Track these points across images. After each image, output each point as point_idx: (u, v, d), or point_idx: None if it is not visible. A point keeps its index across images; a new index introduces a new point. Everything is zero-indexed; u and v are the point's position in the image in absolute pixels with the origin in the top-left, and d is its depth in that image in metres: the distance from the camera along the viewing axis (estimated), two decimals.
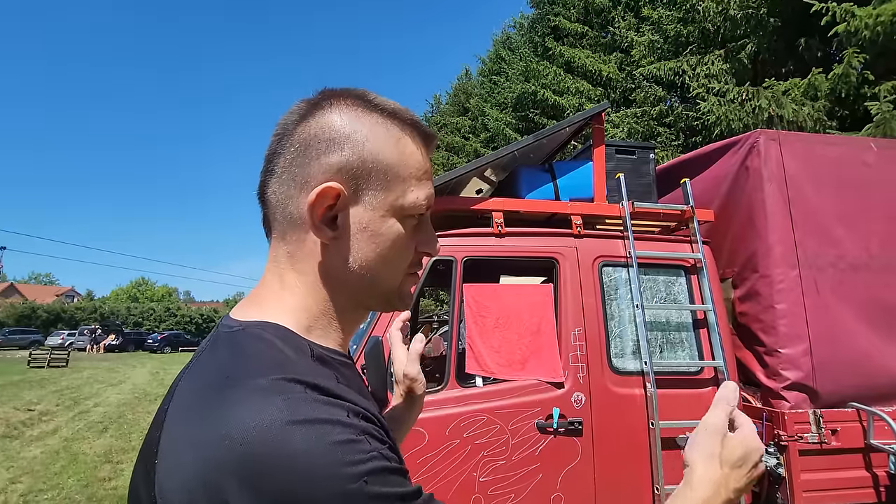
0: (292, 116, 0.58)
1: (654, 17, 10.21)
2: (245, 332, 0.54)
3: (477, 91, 19.77)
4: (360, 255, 0.57)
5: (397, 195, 0.58)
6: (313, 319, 0.58)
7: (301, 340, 0.55)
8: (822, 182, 2.68)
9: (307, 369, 0.50)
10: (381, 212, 0.57)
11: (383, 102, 0.60)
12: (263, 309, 0.57)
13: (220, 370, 0.50)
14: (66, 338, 32.56)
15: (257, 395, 0.45)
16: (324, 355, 0.55)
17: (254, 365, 0.49)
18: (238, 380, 0.47)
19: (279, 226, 0.59)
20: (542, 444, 2.26)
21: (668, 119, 10.02)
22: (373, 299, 0.62)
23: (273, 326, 0.54)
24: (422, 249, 0.63)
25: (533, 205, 2.67)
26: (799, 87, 6.85)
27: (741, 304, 2.73)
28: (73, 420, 8.61)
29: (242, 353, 0.51)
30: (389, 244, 0.58)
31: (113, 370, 18.46)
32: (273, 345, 0.52)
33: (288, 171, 0.56)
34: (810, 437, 2.36)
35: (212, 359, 0.53)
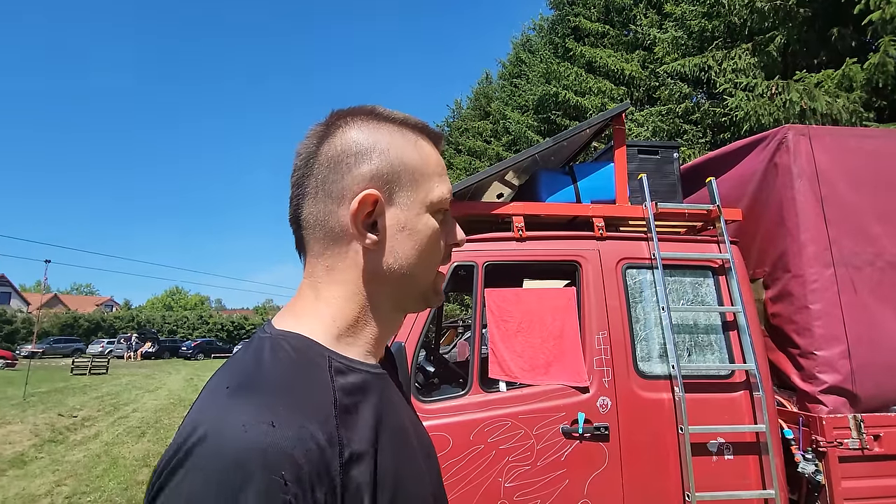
0: (312, 140, 0.62)
1: (677, 12, 10.02)
2: (272, 339, 0.57)
3: (498, 95, 19.76)
4: (402, 253, 0.61)
5: (426, 192, 0.63)
6: (345, 329, 0.61)
7: (323, 351, 0.57)
8: (858, 177, 2.58)
9: (283, 386, 0.51)
10: (415, 210, 0.62)
11: (392, 113, 0.64)
12: (299, 319, 0.61)
13: (220, 374, 0.55)
14: (106, 346, 33.86)
15: (211, 399, 0.50)
16: (343, 367, 0.57)
17: (233, 373, 0.53)
18: (213, 384, 0.53)
19: (318, 244, 0.62)
20: (567, 449, 2.24)
21: (694, 116, 9.80)
22: (411, 298, 0.65)
23: (297, 337, 0.57)
24: (450, 241, 0.67)
25: (553, 208, 2.66)
26: (832, 78, 6.61)
27: (773, 305, 2.64)
28: (113, 425, 8.95)
29: (241, 362, 0.55)
30: (427, 239, 0.62)
31: (150, 377, 19.11)
32: (281, 356, 0.54)
33: (322, 190, 0.60)
34: (851, 443, 2.26)
35: (231, 361, 0.57)
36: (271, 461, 0.44)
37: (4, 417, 9.25)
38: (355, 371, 0.58)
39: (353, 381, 0.57)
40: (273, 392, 0.50)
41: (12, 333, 36.61)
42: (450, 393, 2.40)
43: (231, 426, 0.46)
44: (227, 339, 46.20)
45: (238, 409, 0.47)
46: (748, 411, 2.36)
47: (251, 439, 0.45)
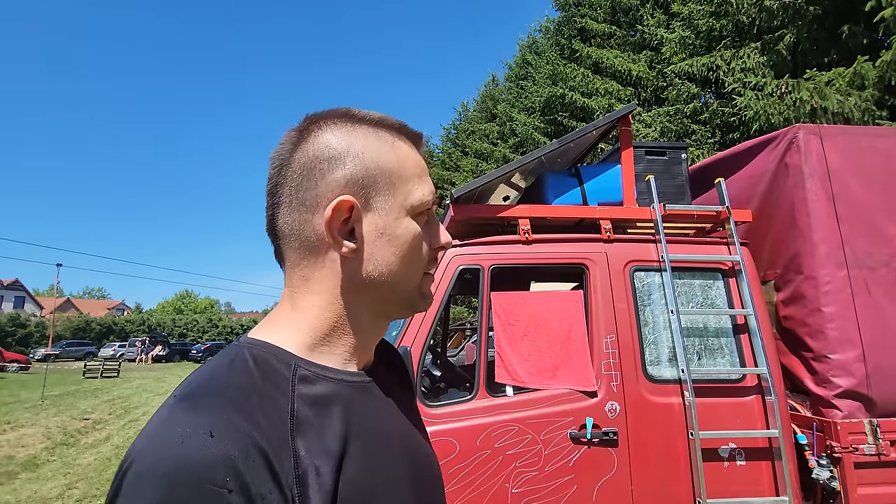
0: (285, 146, 0.60)
1: (684, 12, 9.95)
2: (238, 347, 0.56)
3: (504, 97, 19.74)
4: (381, 260, 0.59)
5: (405, 195, 0.60)
6: (320, 338, 0.59)
7: (290, 360, 0.55)
8: (871, 176, 2.53)
9: (232, 395, 0.49)
10: (394, 214, 0.59)
11: (367, 114, 0.62)
12: (273, 329, 0.60)
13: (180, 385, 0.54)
14: (118, 349, 34.25)
15: (161, 408, 0.50)
16: (311, 375, 0.55)
17: (188, 381, 0.53)
18: (174, 391, 0.52)
19: (294, 253, 0.60)
20: (575, 454, 2.21)
21: (702, 116, 9.71)
22: (395, 305, 0.63)
23: (264, 346, 0.56)
24: (434, 245, 0.64)
25: (560, 210, 2.63)
26: (843, 76, 6.52)
27: (785, 308, 2.60)
28: (123, 428, 9.02)
29: (199, 371, 0.54)
30: (408, 244, 0.60)
31: (160, 380, 19.27)
32: (239, 365, 0.53)
33: (296, 198, 0.58)
34: (867, 449, 2.21)
35: (193, 372, 0.57)
36: (210, 472, 0.43)
37: (18, 421, 9.36)
38: (325, 379, 0.56)
39: (319, 390, 0.55)
40: (220, 400, 0.48)
41: (26, 337, 37.14)
42: (456, 397, 2.39)
43: (167, 439, 0.45)
44: None
45: (177, 420, 0.46)
46: (760, 416, 2.32)
47: (187, 452, 0.43)
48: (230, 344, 0.59)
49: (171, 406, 0.49)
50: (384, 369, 0.70)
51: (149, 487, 0.42)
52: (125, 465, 0.45)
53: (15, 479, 5.78)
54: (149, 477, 0.43)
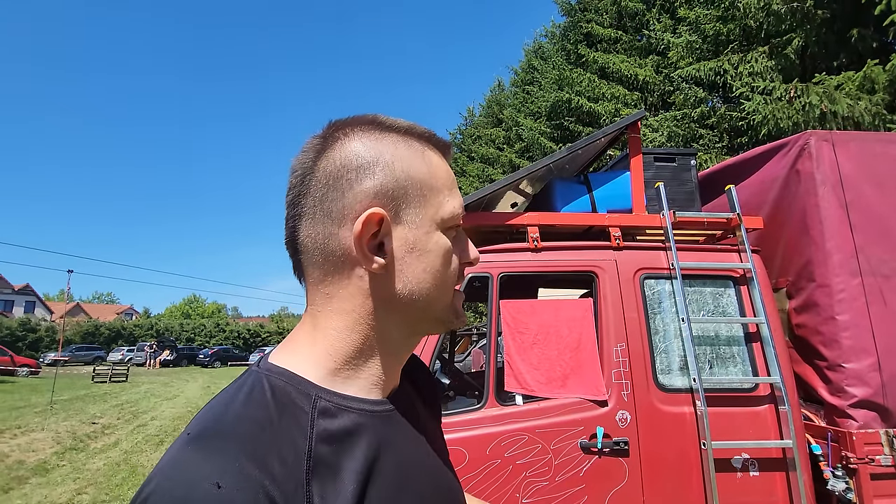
0: (308, 154, 0.56)
1: (690, 17, 9.94)
2: (256, 375, 0.54)
3: (510, 102, 19.77)
4: (412, 276, 0.56)
5: (436, 207, 0.57)
6: (343, 363, 0.56)
7: (310, 390, 0.53)
8: (885, 183, 2.50)
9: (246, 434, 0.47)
10: (425, 228, 0.56)
11: (396, 122, 0.59)
12: (293, 353, 0.57)
13: (196, 415, 0.52)
14: (126, 354, 34.49)
15: (173, 446, 0.47)
16: (332, 407, 0.53)
17: (202, 415, 0.50)
18: (187, 426, 0.49)
19: (317, 269, 0.56)
20: (586, 464, 2.19)
21: (710, 121, 9.68)
22: (427, 322, 0.60)
23: (284, 374, 0.53)
24: (463, 260, 0.62)
25: (568, 218, 2.63)
26: (853, 80, 6.47)
27: (798, 316, 2.57)
28: (132, 433, 9.07)
29: (216, 401, 0.52)
30: (440, 260, 0.57)
31: (168, 384, 19.36)
32: (256, 397, 0.51)
33: (320, 209, 0.54)
34: (883, 460, 2.18)
35: (210, 401, 0.54)
36: None
37: (28, 425, 9.44)
38: (346, 411, 0.53)
39: (340, 424, 0.52)
40: (231, 443, 0.45)
41: (36, 341, 37.49)
42: (465, 406, 2.38)
43: (173, 490, 0.43)
44: (243, 346, 46.69)
45: (186, 466, 0.44)
46: (774, 426, 2.29)
47: (194, 498, 0.41)
48: (250, 369, 0.56)
49: (182, 446, 0.46)
50: (409, 389, 0.68)
51: None
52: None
53: (25, 484, 5.82)
54: None
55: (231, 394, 0.52)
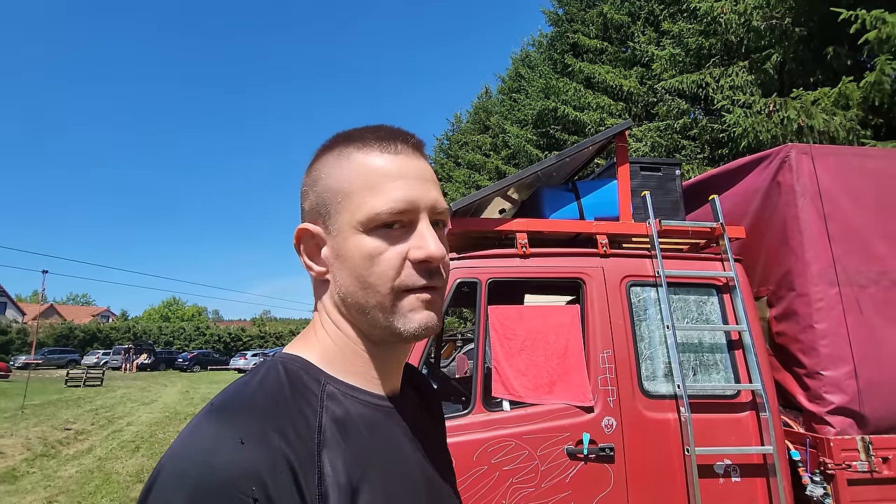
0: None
1: (674, 30, 10.16)
2: (272, 361, 0.58)
3: (497, 109, 19.92)
4: (343, 282, 0.58)
5: (351, 212, 0.57)
6: (333, 354, 0.60)
7: (319, 375, 0.57)
8: (861, 196, 2.59)
9: (263, 406, 0.51)
10: (343, 233, 0.58)
11: (353, 132, 0.62)
12: (302, 344, 0.62)
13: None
14: (102, 357, 33.58)
15: (194, 418, 0.51)
16: (339, 393, 0.57)
17: (223, 393, 0.54)
18: (208, 403, 0.53)
19: None
20: (572, 470, 2.20)
21: (692, 132, 9.88)
22: (372, 327, 0.58)
23: (296, 360, 0.58)
24: (412, 257, 0.56)
25: (557, 225, 2.65)
26: (829, 96, 6.67)
27: (778, 324, 2.63)
28: (106, 439, 8.82)
29: (237, 382, 0.56)
30: (360, 263, 0.56)
31: (145, 389, 18.90)
32: (272, 377, 0.55)
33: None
34: (859, 466, 2.23)
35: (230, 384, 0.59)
36: (237, 480, 0.44)
37: None
38: (351, 399, 0.57)
39: (345, 409, 0.55)
40: (251, 411, 0.49)
41: (6, 344, 36.31)
42: (452, 411, 2.37)
43: (199, 445, 0.46)
44: (223, 350, 45.86)
45: (210, 427, 0.48)
46: (755, 432, 2.33)
47: (215, 460, 0.45)
48: (265, 360, 0.61)
49: (204, 414, 0.50)
50: (412, 396, 0.70)
51: (176, 493, 0.43)
52: (156, 470, 0.46)
53: None
54: (177, 483, 0.44)
55: (248, 377, 0.56)
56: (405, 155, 0.59)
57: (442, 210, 0.60)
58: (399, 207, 0.56)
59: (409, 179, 0.57)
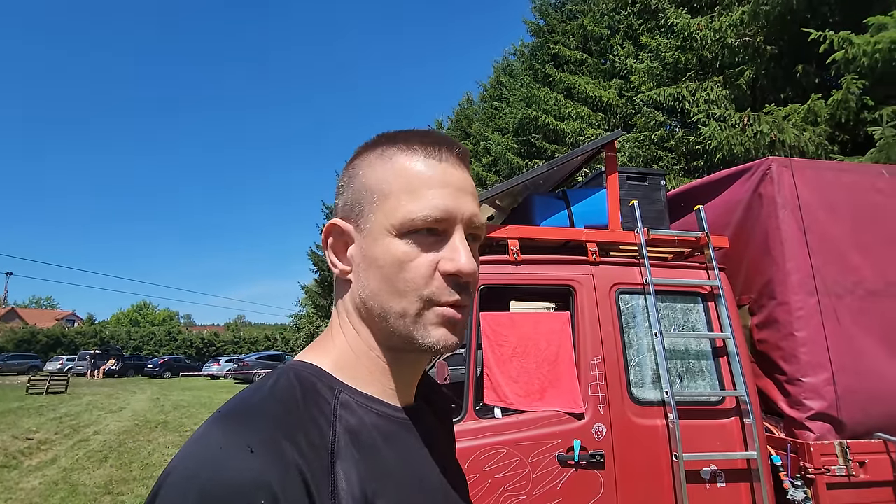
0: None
1: (652, 44, 10.42)
2: (284, 369, 0.56)
3: (479, 116, 20.08)
4: (368, 284, 0.56)
5: (386, 213, 0.55)
6: (350, 361, 0.58)
7: (333, 383, 0.55)
8: (837, 209, 2.69)
9: (275, 413, 0.48)
10: (374, 234, 0.56)
11: (395, 134, 0.60)
12: (318, 350, 0.60)
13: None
14: (66, 363, 32.21)
15: (203, 424, 0.49)
16: (353, 402, 0.55)
17: (232, 399, 0.52)
18: (217, 410, 0.51)
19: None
20: (563, 477, 2.21)
21: (669, 143, 10.13)
22: (393, 335, 0.56)
23: (308, 367, 0.56)
24: (443, 269, 0.54)
25: (549, 232, 2.68)
26: (799, 112, 6.95)
27: (759, 332, 2.70)
28: (72, 449, 8.45)
29: (247, 389, 0.53)
30: (388, 267, 0.54)
31: (112, 396, 18.21)
32: (283, 385, 0.53)
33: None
34: (838, 470, 2.30)
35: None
36: (246, 490, 0.42)
37: None
38: (365, 409, 0.55)
39: (359, 419, 0.53)
40: (262, 418, 0.47)
41: None
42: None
43: (207, 452, 0.44)
44: (195, 356, 44.61)
45: (219, 434, 0.46)
46: (739, 438, 2.39)
47: (224, 468, 0.43)
48: (276, 368, 0.58)
49: (213, 421, 0.48)
50: (425, 409, 0.67)
51: (183, 502, 0.42)
52: (162, 477, 0.44)
53: None
54: (184, 491, 0.42)
55: (258, 384, 0.54)
56: (449, 164, 0.58)
57: (479, 224, 0.58)
58: (436, 215, 0.54)
59: (449, 188, 0.56)
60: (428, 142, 0.58)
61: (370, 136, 0.63)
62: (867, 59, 5.69)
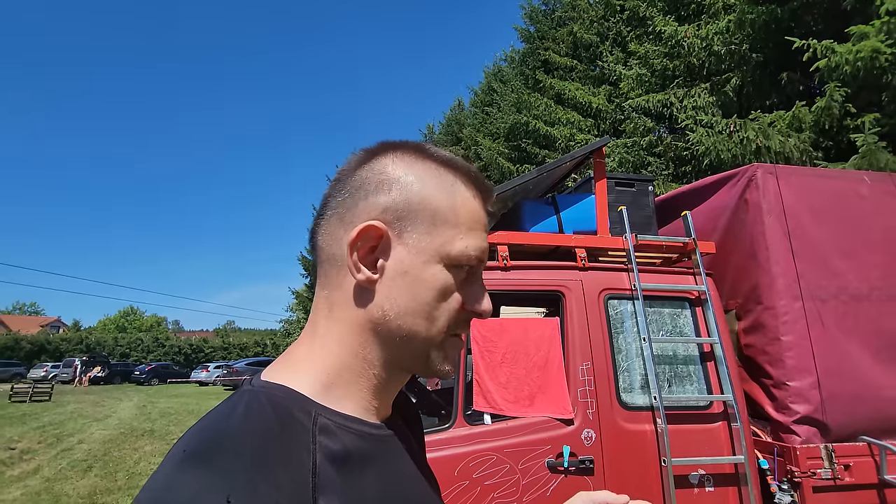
0: (350, 164, 0.59)
1: (640, 51, 10.56)
2: (251, 392, 0.52)
3: (470, 121, 20.15)
4: (399, 300, 0.54)
5: (444, 240, 0.55)
6: (335, 376, 0.55)
7: (309, 406, 0.51)
8: (820, 214, 2.73)
9: (248, 450, 0.44)
10: (424, 256, 0.54)
11: (438, 151, 0.59)
12: (290, 366, 0.56)
13: (187, 433, 0.49)
14: (50, 370, 31.65)
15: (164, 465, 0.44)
16: (332, 425, 0.51)
17: (197, 432, 0.47)
18: (178, 443, 0.46)
19: (323, 269, 0.58)
20: (553, 484, 2.20)
21: (657, 149, 10.24)
22: (409, 357, 0.57)
23: (280, 389, 0.52)
24: (469, 307, 0.57)
25: (538, 238, 2.68)
26: (784, 119, 7.07)
27: (746, 336, 2.73)
28: (55, 458, 8.29)
29: (210, 418, 0.49)
30: (431, 293, 0.54)
31: (98, 404, 17.90)
32: (254, 413, 0.48)
33: (336, 213, 0.56)
34: (823, 473, 2.33)
35: (202, 418, 0.51)
36: None
37: None
38: (345, 431, 0.52)
39: (341, 444, 0.50)
40: (237, 457, 0.43)
41: None
42: (433, 426, 2.34)
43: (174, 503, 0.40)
44: (183, 362, 44.06)
45: (187, 480, 0.41)
46: (726, 442, 2.40)
47: None
48: (241, 388, 0.54)
49: (180, 463, 0.43)
50: (401, 423, 0.66)
51: None
52: None
53: None
54: None
55: (227, 410, 0.49)
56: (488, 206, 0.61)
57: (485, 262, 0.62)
58: (481, 256, 0.58)
59: (485, 232, 0.60)
60: (483, 185, 0.60)
61: (361, 141, 0.62)
62: (849, 67, 5.81)
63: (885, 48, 5.52)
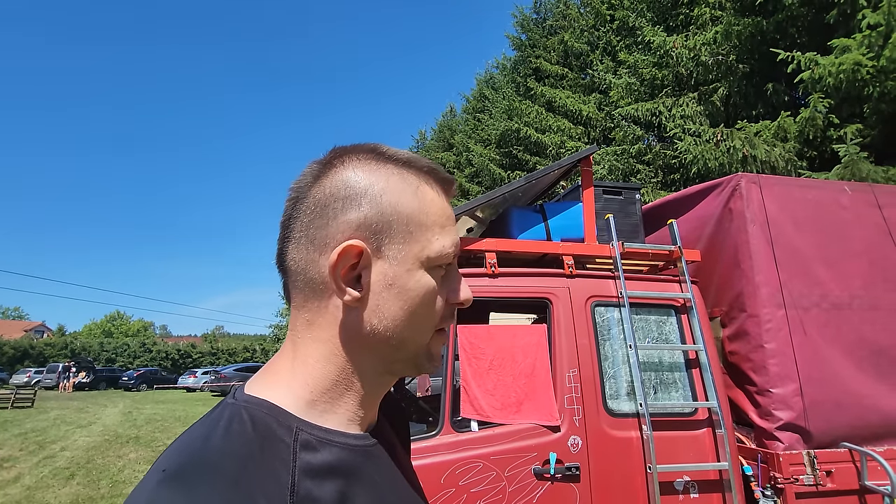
0: (305, 178, 0.57)
1: (630, 61, 10.69)
2: (233, 407, 0.52)
3: (461, 128, 20.24)
4: (388, 313, 0.54)
5: (422, 245, 0.55)
6: (320, 394, 0.54)
7: (291, 422, 0.51)
8: (802, 224, 2.78)
9: (227, 471, 0.44)
10: (406, 265, 0.55)
11: (396, 153, 0.58)
12: (271, 382, 0.56)
13: (167, 451, 0.49)
14: (33, 376, 31.04)
15: (144, 483, 0.44)
16: (313, 440, 0.51)
17: (177, 450, 0.47)
18: (158, 462, 0.47)
19: (299, 293, 0.56)
20: (539, 491, 2.21)
21: (646, 157, 10.36)
22: (399, 362, 0.58)
23: (262, 405, 0.52)
24: (452, 301, 0.59)
25: (526, 245, 2.70)
26: (769, 129, 7.20)
27: (730, 344, 2.76)
28: (37, 466, 8.12)
29: (189, 435, 0.49)
30: (419, 299, 0.55)
31: (82, 410, 17.59)
32: (235, 431, 0.48)
33: (306, 235, 0.55)
34: (806, 479, 2.35)
35: (182, 435, 0.51)
36: None
37: None
38: (328, 444, 0.52)
39: (322, 458, 0.50)
40: (217, 479, 0.43)
41: None
42: (420, 433, 2.34)
43: None
44: (171, 368, 43.46)
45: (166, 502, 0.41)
46: (711, 449, 2.42)
47: None
48: (224, 401, 0.54)
49: (157, 486, 0.42)
50: (386, 427, 0.66)
51: None
52: None
53: None
54: None
55: (207, 427, 0.49)
56: (451, 198, 0.62)
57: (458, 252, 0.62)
58: (457, 251, 0.59)
59: (455, 224, 0.60)
60: (443, 177, 0.60)
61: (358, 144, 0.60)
62: (832, 79, 5.93)
63: (866, 61, 5.65)
